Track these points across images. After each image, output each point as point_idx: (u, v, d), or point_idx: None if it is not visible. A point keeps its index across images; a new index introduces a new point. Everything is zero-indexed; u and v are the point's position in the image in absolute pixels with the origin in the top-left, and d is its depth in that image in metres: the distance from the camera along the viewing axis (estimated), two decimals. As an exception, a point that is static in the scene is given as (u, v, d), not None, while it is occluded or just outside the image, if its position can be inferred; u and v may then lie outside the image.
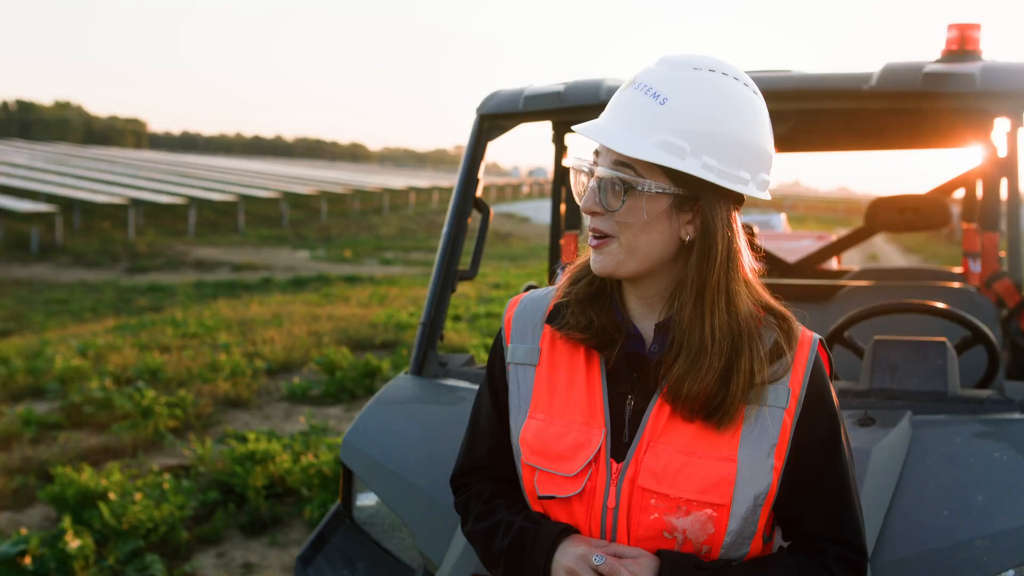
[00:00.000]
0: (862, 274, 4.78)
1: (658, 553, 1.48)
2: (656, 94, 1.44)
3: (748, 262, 1.52)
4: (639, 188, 1.44)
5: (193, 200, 30.09)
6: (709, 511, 1.46)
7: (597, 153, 1.51)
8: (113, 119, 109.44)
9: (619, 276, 1.51)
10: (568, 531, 1.54)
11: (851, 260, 10.21)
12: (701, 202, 1.47)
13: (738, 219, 1.51)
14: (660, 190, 1.45)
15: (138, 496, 4.96)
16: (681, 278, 1.51)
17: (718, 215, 1.47)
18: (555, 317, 1.60)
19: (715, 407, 1.45)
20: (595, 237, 1.51)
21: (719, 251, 1.47)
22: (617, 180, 1.45)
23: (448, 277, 3.05)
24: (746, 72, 1.52)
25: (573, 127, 1.54)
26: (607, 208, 1.47)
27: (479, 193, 3.19)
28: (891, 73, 2.76)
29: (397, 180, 52.35)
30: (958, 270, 4.95)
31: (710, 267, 1.47)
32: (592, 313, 1.56)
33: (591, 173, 1.49)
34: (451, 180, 56.40)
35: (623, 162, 1.46)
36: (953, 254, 22.45)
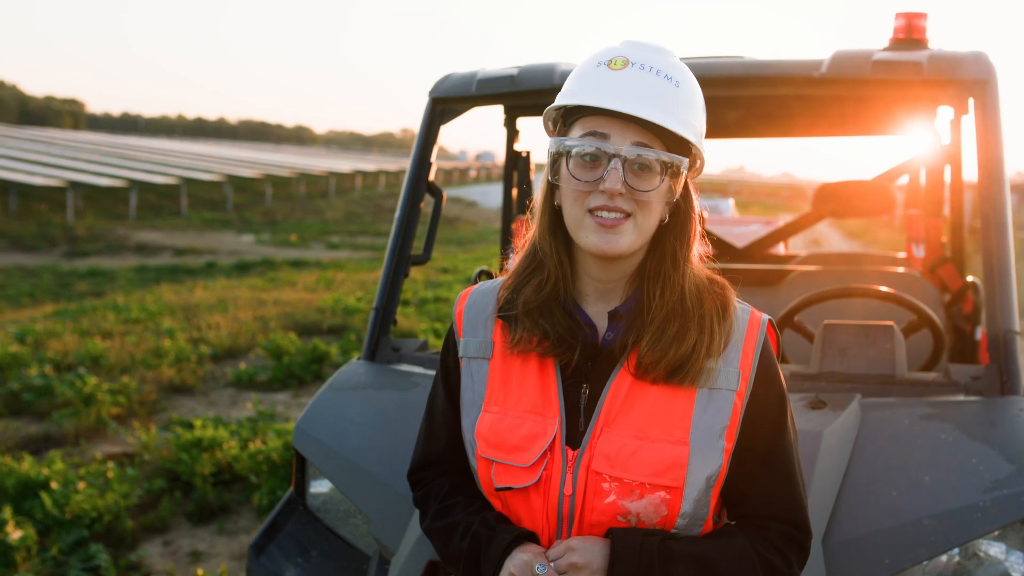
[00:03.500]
0: (809, 259, 4.84)
1: (607, 533, 1.49)
2: (668, 76, 1.48)
3: None
4: (683, 168, 1.49)
5: (134, 183, 29.49)
6: (662, 494, 1.47)
7: (599, 135, 1.47)
8: (50, 99, 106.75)
9: (626, 255, 1.51)
10: (521, 538, 1.52)
11: (795, 245, 10.36)
12: (686, 177, 1.55)
13: None
14: (687, 169, 1.50)
15: (81, 485, 4.87)
16: (651, 253, 1.55)
17: (691, 190, 1.57)
18: (507, 328, 1.58)
19: (681, 366, 1.48)
20: (611, 217, 1.47)
21: (694, 222, 1.55)
22: (656, 161, 1.46)
23: (401, 262, 3.02)
24: (698, 59, 1.59)
25: (580, 102, 1.47)
26: (637, 188, 1.46)
27: (432, 177, 3.15)
28: (841, 60, 2.79)
29: (343, 164, 51.92)
30: (901, 255, 5.04)
31: (690, 236, 1.55)
32: (545, 324, 1.54)
33: (614, 154, 1.45)
34: (398, 164, 56.03)
35: (643, 143, 1.46)
36: (894, 239, 22.90)
